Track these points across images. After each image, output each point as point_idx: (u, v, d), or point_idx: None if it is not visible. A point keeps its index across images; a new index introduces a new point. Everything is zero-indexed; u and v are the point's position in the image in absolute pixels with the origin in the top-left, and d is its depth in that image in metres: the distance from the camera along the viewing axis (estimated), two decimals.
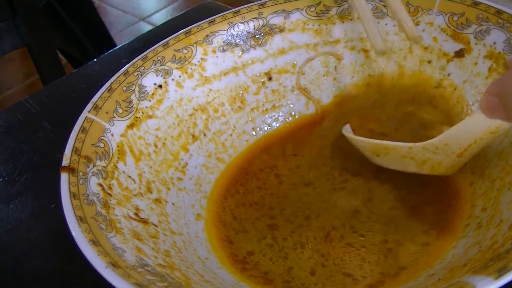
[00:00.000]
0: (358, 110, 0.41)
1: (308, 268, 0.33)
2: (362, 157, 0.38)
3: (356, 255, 0.33)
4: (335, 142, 0.41)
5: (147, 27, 1.64)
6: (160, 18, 1.69)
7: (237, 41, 0.42)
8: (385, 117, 0.40)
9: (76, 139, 0.34)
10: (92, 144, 0.34)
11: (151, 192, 0.36)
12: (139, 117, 0.38)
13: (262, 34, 0.43)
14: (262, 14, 0.43)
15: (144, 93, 0.39)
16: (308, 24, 0.43)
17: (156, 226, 0.33)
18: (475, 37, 0.37)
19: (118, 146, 0.36)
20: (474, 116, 0.30)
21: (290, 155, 0.41)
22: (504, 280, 0.23)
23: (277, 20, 0.43)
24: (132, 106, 0.38)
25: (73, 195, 0.30)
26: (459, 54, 0.38)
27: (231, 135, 0.42)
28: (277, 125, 0.43)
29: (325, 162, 0.40)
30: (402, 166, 0.35)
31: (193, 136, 0.41)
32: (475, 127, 0.30)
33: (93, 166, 0.33)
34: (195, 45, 0.41)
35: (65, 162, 0.32)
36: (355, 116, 0.41)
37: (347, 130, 0.39)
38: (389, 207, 0.36)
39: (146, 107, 0.39)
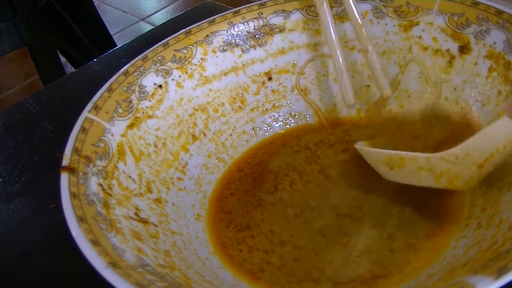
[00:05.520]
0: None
1: (309, 265, 0.33)
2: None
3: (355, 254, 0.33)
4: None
5: (147, 27, 1.65)
6: (160, 18, 1.69)
7: (237, 41, 0.42)
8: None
9: (76, 139, 0.34)
10: (92, 144, 0.34)
11: (151, 192, 0.36)
12: (139, 117, 0.38)
13: (262, 34, 0.43)
14: (262, 14, 0.43)
15: (144, 93, 0.39)
16: (308, 24, 0.43)
17: (156, 226, 0.33)
18: (475, 37, 0.37)
19: (118, 146, 0.36)
20: (498, 122, 0.29)
21: (290, 155, 0.41)
22: (504, 280, 0.23)
23: (277, 20, 0.43)
24: (132, 106, 0.38)
25: (73, 195, 0.30)
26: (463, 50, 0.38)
27: (231, 135, 0.42)
28: (277, 125, 0.43)
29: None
30: (417, 180, 0.33)
31: (193, 136, 0.41)
32: (498, 134, 0.29)
33: (93, 166, 0.33)
34: (195, 45, 0.41)
35: (65, 162, 0.32)
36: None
37: (359, 144, 0.38)
38: (389, 208, 0.36)
39: (146, 107, 0.39)
